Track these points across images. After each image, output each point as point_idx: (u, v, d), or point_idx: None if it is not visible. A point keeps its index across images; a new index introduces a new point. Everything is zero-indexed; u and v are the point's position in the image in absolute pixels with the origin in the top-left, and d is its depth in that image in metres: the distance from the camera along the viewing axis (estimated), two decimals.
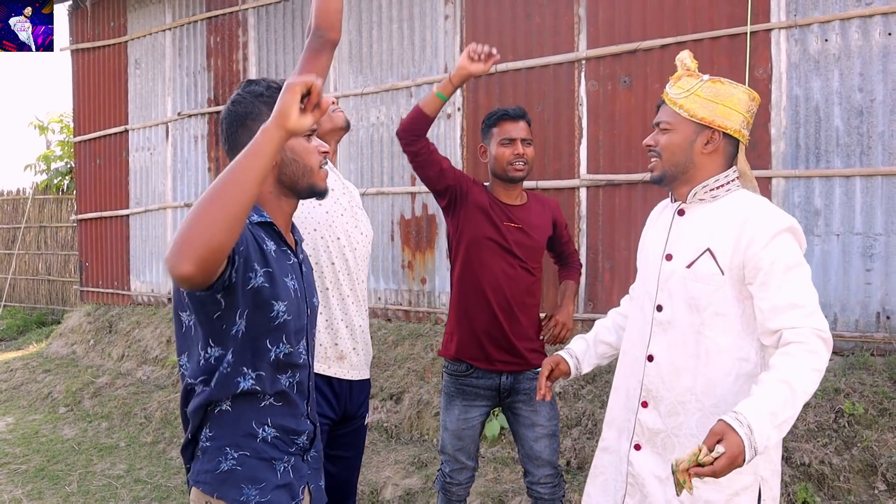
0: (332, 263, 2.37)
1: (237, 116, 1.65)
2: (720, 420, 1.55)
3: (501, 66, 4.90)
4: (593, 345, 2.22)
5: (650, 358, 1.89)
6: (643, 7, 4.40)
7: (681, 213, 1.90)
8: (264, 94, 1.65)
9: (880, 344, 3.77)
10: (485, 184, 2.81)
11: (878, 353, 3.77)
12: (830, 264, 3.90)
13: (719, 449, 1.50)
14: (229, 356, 1.53)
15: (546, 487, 2.69)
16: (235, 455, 1.56)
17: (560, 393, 4.17)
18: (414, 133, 2.60)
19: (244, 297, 1.51)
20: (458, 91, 5.11)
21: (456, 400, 2.73)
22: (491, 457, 4.11)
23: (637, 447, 1.90)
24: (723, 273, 1.76)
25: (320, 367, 2.34)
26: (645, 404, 1.90)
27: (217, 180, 1.32)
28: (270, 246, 1.60)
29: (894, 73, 3.74)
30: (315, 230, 2.36)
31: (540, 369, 2.70)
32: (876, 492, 3.27)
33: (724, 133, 1.81)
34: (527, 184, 4.77)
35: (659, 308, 1.88)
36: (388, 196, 5.48)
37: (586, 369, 2.21)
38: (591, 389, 4.12)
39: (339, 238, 2.39)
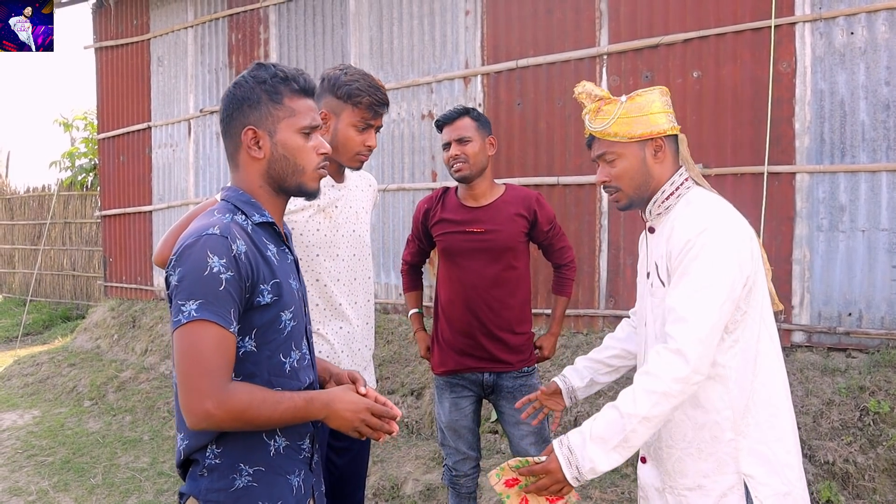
0: (316, 305, 2.26)
1: (235, 99, 1.56)
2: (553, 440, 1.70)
3: (522, 62, 4.89)
4: (587, 362, 2.23)
5: None
6: (665, 1, 4.36)
7: (651, 230, 1.93)
8: (268, 81, 1.55)
9: None
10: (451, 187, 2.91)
11: None
12: (856, 261, 3.85)
13: (541, 458, 1.68)
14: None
15: None
16: (251, 471, 1.48)
17: None
18: None
19: (253, 318, 1.47)
20: (479, 87, 5.11)
21: (445, 393, 2.84)
22: (510, 452, 4.11)
23: (643, 460, 1.94)
24: (664, 285, 1.79)
25: None
26: None
27: (258, 402, 1.40)
28: (272, 250, 1.54)
29: None
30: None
31: (527, 368, 2.79)
32: None
33: (664, 136, 1.84)
34: (548, 179, 4.79)
35: (646, 324, 1.93)
36: (410, 192, 5.49)
37: (580, 386, 2.21)
38: None
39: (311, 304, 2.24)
